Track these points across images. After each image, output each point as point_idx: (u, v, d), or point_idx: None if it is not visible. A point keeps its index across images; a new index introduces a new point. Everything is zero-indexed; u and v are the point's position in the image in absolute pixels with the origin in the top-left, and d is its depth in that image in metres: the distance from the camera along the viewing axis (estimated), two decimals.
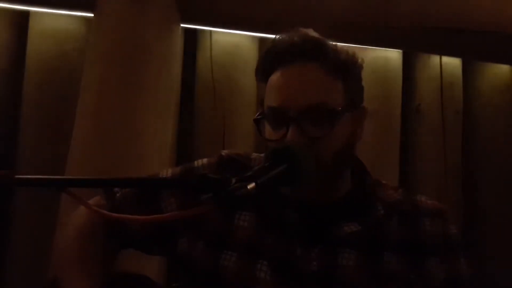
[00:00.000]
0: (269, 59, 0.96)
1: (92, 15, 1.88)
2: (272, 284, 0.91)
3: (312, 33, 0.96)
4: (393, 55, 2.40)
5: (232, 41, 2.20)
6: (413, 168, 2.47)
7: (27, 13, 2.00)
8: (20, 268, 1.93)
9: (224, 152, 1.06)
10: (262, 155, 1.03)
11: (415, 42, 2.27)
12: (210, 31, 2.17)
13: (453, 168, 2.46)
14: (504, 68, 2.58)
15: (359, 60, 0.97)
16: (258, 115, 0.95)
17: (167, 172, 1.07)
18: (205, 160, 1.06)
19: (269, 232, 0.95)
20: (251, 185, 0.69)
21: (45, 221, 1.87)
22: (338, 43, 0.96)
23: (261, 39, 2.24)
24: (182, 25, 1.99)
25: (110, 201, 1.02)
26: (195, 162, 1.07)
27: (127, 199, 1.02)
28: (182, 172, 1.06)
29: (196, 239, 0.98)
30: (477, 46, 2.28)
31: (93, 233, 0.99)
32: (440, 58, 2.45)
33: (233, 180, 0.70)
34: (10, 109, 2.00)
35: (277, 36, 0.97)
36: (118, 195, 1.03)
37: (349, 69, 0.95)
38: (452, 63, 2.51)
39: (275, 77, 0.94)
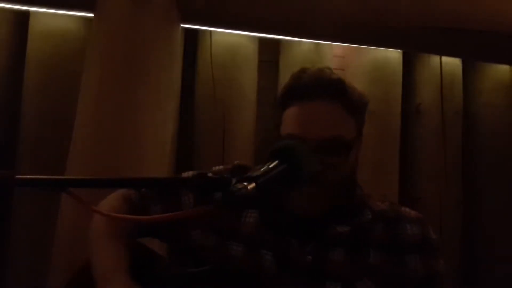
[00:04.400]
0: (293, 91, 1.07)
1: (92, 15, 1.88)
2: (273, 271, 1.06)
3: (332, 73, 1.09)
4: (393, 55, 2.40)
5: (232, 41, 2.20)
6: (413, 168, 2.47)
7: (27, 13, 2.00)
8: (20, 268, 1.93)
9: (237, 162, 1.15)
10: None
11: (415, 42, 2.27)
12: (210, 31, 2.17)
13: (453, 168, 2.46)
14: (504, 68, 2.58)
15: (366, 99, 1.11)
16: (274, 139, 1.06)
17: (189, 174, 1.16)
18: (221, 167, 1.13)
19: (270, 229, 1.09)
20: (251, 185, 0.70)
21: (45, 221, 1.88)
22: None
23: (261, 39, 2.24)
24: (182, 25, 1.99)
25: (138, 191, 1.15)
26: (212, 168, 1.14)
27: (153, 189, 1.16)
28: (198, 175, 1.14)
29: (208, 232, 1.12)
30: (477, 46, 2.28)
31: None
32: (440, 58, 2.45)
33: (233, 180, 0.71)
34: (10, 109, 2.01)
35: (303, 70, 1.08)
36: None
37: (360, 107, 1.09)
38: (452, 63, 2.51)
39: (296, 108, 1.06)
